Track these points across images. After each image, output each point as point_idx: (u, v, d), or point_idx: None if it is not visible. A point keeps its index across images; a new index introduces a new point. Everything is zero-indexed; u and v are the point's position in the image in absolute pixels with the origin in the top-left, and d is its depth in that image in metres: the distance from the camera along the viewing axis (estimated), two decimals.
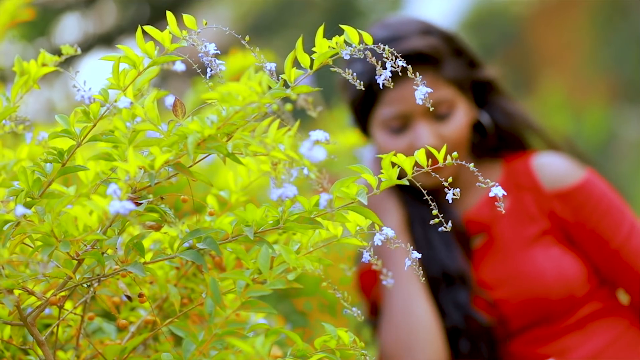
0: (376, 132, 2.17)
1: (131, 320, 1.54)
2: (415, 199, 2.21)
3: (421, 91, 1.43)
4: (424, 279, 1.55)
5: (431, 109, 1.42)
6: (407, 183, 1.36)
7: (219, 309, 1.32)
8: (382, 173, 1.36)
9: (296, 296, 2.28)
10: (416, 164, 1.38)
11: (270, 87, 1.31)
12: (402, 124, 2.13)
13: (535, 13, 10.08)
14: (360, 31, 1.40)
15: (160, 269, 1.49)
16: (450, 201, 1.37)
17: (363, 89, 1.37)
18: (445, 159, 1.37)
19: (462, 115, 2.15)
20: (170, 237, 1.39)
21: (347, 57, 1.40)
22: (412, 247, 1.43)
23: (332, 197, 1.28)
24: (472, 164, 1.40)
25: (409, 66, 1.38)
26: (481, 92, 2.25)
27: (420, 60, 2.11)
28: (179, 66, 1.46)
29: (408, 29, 2.14)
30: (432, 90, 1.55)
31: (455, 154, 1.39)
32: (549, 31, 9.72)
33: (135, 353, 1.46)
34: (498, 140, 2.26)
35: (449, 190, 1.38)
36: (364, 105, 2.17)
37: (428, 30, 2.16)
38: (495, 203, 1.35)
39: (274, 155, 1.21)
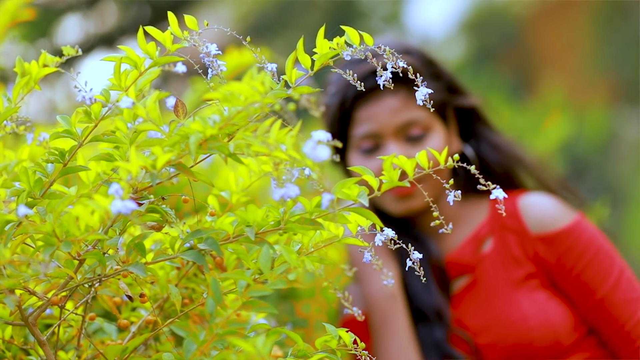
0: (350, 156, 2.09)
1: (132, 321, 1.54)
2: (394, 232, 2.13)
3: (422, 92, 1.43)
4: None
5: (432, 107, 1.40)
6: (408, 184, 1.35)
7: (220, 309, 1.32)
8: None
9: (296, 298, 2.28)
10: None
11: (272, 88, 1.31)
12: (373, 145, 2.05)
13: (536, 14, 10.07)
14: (361, 32, 1.40)
15: (161, 269, 1.49)
16: (451, 203, 1.36)
17: (364, 89, 1.36)
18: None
19: (438, 141, 2.05)
20: (171, 237, 1.39)
21: (348, 58, 1.40)
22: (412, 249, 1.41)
23: (334, 197, 1.28)
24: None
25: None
26: (466, 123, 2.15)
27: (393, 78, 2.02)
28: (180, 67, 1.46)
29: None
30: (432, 91, 1.55)
31: (454, 158, 1.37)
32: (549, 32, 9.72)
33: (136, 353, 1.46)
34: (485, 176, 2.13)
35: (450, 192, 1.36)
36: (340, 128, 2.08)
37: (406, 50, 2.08)
38: (496, 205, 1.34)
39: (276, 155, 1.21)
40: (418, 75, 1.99)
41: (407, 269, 1.48)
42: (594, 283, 2.02)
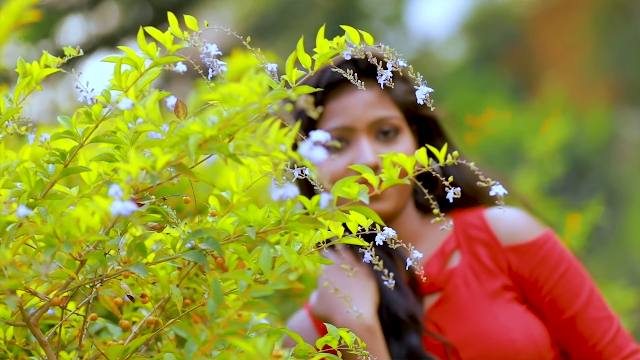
0: None
1: (134, 321, 1.54)
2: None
3: (422, 91, 1.42)
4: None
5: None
6: (407, 181, 1.35)
7: (222, 309, 1.32)
8: None
9: (299, 296, 2.28)
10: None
11: (271, 88, 1.31)
12: (342, 139, 1.91)
13: (537, 14, 10.07)
14: (361, 32, 1.41)
15: (162, 270, 1.49)
16: (450, 200, 1.36)
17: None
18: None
19: (408, 145, 1.93)
20: (172, 237, 1.39)
21: (348, 58, 1.40)
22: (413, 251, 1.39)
23: (333, 197, 1.28)
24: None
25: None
26: (426, 137, 2.00)
27: (369, 73, 1.83)
28: (181, 67, 1.44)
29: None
30: (432, 90, 1.53)
31: (454, 155, 1.37)
32: (551, 33, 9.72)
33: (138, 353, 1.46)
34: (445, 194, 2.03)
35: (449, 189, 1.36)
36: (308, 122, 1.91)
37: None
38: (496, 202, 1.33)
39: (275, 155, 1.21)
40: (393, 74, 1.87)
41: (407, 267, 1.47)
42: (567, 299, 1.92)
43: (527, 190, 4.24)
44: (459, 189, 1.36)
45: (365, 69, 1.87)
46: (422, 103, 1.42)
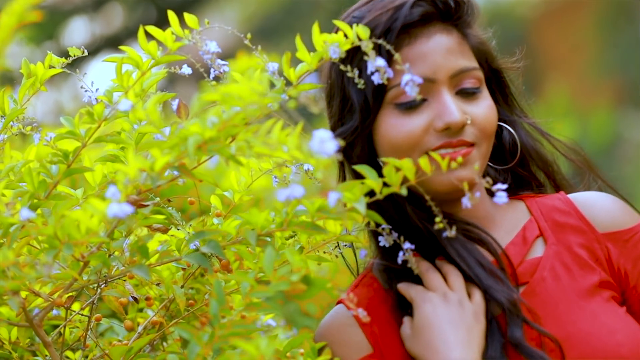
0: (382, 119, 1.56)
1: (139, 322, 1.55)
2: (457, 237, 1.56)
3: (406, 78, 1.40)
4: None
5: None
6: (410, 183, 1.34)
7: (225, 310, 1.32)
8: None
9: (302, 298, 2.27)
10: None
11: (274, 85, 1.31)
12: (420, 93, 1.51)
13: (541, 16, 10.06)
14: (357, 26, 1.40)
15: (166, 270, 1.49)
16: (468, 205, 1.34)
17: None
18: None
19: (488, 102, 1.62)
20: (177, 239, 1.39)
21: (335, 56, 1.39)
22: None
23: (341, 196, 1.26)
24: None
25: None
26: (496, 93, 1.70)
27: (446, 16, 1.59)
28: (186, 70, 1.43)
29: None
30: (421, 81, 1.46)
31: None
32: (555, 34, 9.70)
33: (142, 353, 1.46)
34: (523, 171, 1.72)
35: (467, 193, 1.34)
36: (376, 94, 1.55)
37: None
38: (494, 199, 1.32)
39: (278, 155, 1.21)
40: (473, 19, 1.62)
41: (399, 262, 1.44)
42: None
43: None
44: (478, 194, 1.32)
45: (445, 11, 1.59)
46: (414, 94, 1.40)
